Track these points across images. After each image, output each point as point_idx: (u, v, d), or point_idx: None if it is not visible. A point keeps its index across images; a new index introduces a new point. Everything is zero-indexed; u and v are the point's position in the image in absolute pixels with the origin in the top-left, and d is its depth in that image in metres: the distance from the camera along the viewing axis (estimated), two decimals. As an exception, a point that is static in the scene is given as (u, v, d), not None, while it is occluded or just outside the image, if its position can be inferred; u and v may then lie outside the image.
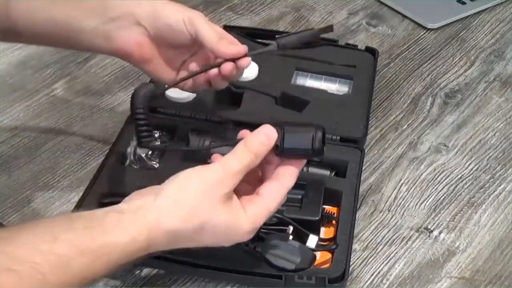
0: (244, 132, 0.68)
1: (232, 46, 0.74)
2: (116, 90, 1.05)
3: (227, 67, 0.74)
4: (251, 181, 0.69)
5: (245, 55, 0.75)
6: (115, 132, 0.94)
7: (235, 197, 0.65)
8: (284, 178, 0.67)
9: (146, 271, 0.79)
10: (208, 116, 0.94)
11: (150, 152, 0.88)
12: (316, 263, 0.77)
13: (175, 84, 0.77)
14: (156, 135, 0.90)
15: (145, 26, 0.75)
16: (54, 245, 0.56)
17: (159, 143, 0.89)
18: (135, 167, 0.87)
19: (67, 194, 0.88)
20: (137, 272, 0.79)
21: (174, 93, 0.95)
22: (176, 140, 0.90)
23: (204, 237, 0.64)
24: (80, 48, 0.86)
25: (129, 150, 0.88)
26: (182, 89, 0.80)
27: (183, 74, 0.78)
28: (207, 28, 0.74)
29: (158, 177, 0.77)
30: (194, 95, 0.96)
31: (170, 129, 0.91)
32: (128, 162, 0.87)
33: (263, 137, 0.66)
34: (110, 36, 0.76)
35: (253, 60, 1.00)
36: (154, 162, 0.87)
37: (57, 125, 0.99)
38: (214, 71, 0.75)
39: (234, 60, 0.74)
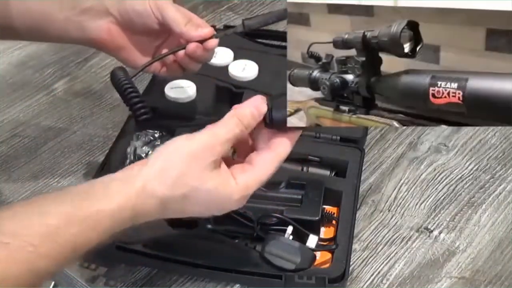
0: (236, 106, 0.68)
1: (199, 29, 0.77)
2: (116, 90, 1.05)
3: (191, 47, 0.77)
4: (242, 151, 0.68)
5: (212, 37, 0.77)
6: (115, 132, 0.94)
7: (224, 165, 0.64)
8: (277, 149, 0.66)
9: (146, 271, 0.79)
10: (208, 116, 0.94)
11: (150, 152, 0.88)
12: (316, 263, 0.77)
13: (143, 68, 0.79)
14: (156, 135, 0.90)
15: (114, 14, 0.78)
16: (44, 217, 0.57)
17: (159, 143, 0.89)
18: (135, 167, 0.87)
19: (67, 194, 0.88)
20: (137, 272, 0.79)
21: (174, 93, 0.95)
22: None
23: (193, 205, 0.63)
24: (54, 40, 0.88)
25: (129, 150, 0.88)
26: (159, 74, 0.83)
27: (151, 52, 0.81)
28: (174, 12, 0.77)
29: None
30: (194, 95, 0.96)
31: (170, 129, 0.91)
32: (128, 162, 0.87)
33: (253, 109, 0.66)
34: (82, 27, 0.79)
35: (253, 60, 1.01)
36: (154, 162, 0.87)
37: (57, 125, 0.99)
38: (181, 53, 0.78)
39: (202, 42, 0.77)
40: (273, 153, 0.66)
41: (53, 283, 0.88)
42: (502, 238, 0.85)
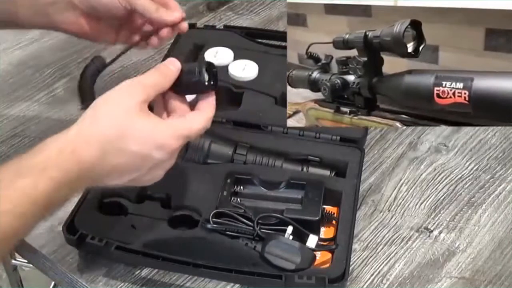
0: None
1: (170, 12, 0.79)
2: (116, 90, 1.04)
3: (165, 33, 0.81)
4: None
5: (182, 19, 0.80)
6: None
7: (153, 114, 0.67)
8: (205, 109, 0.71)
9: (146, 271, 0.79)
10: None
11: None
12: (316, 263, 0.77)
13: (117, 57, 0.84)
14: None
15: (81, 7, 0.81)
16: None
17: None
18: (135, 167, 0.87)
19: (67, 194, 0.88)
20: (137, 272, 0.79)
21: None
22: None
23: (130, 147, 0.64)
24: (23, 27, 0.90)
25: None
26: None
27: (123, 34, 0.86)
28: (142, 0, 0.79)
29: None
30: (194, 95, 0.95)
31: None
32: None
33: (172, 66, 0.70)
34: (51, 19, 0.82)
35: (253, 60, 1.01)
36: (154, 162, 0.87)
37: (57, 125, 0.98)
38: (154, 39, 0.83)
39: (173, 25, 0.80)
40: (203, 112, 0.70)
41: (53, 283, 0.88)
42: (502, 238, 0.85)
